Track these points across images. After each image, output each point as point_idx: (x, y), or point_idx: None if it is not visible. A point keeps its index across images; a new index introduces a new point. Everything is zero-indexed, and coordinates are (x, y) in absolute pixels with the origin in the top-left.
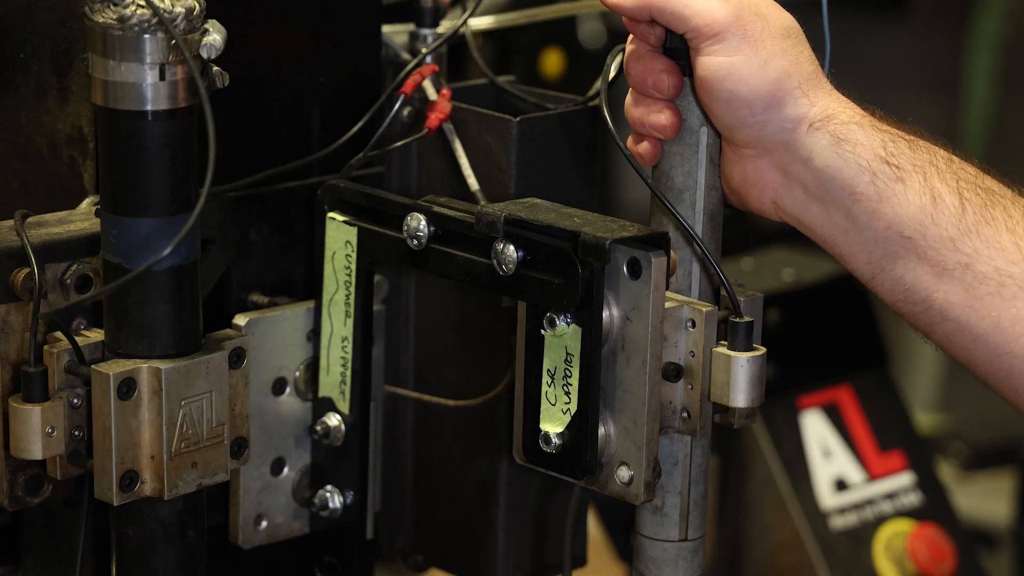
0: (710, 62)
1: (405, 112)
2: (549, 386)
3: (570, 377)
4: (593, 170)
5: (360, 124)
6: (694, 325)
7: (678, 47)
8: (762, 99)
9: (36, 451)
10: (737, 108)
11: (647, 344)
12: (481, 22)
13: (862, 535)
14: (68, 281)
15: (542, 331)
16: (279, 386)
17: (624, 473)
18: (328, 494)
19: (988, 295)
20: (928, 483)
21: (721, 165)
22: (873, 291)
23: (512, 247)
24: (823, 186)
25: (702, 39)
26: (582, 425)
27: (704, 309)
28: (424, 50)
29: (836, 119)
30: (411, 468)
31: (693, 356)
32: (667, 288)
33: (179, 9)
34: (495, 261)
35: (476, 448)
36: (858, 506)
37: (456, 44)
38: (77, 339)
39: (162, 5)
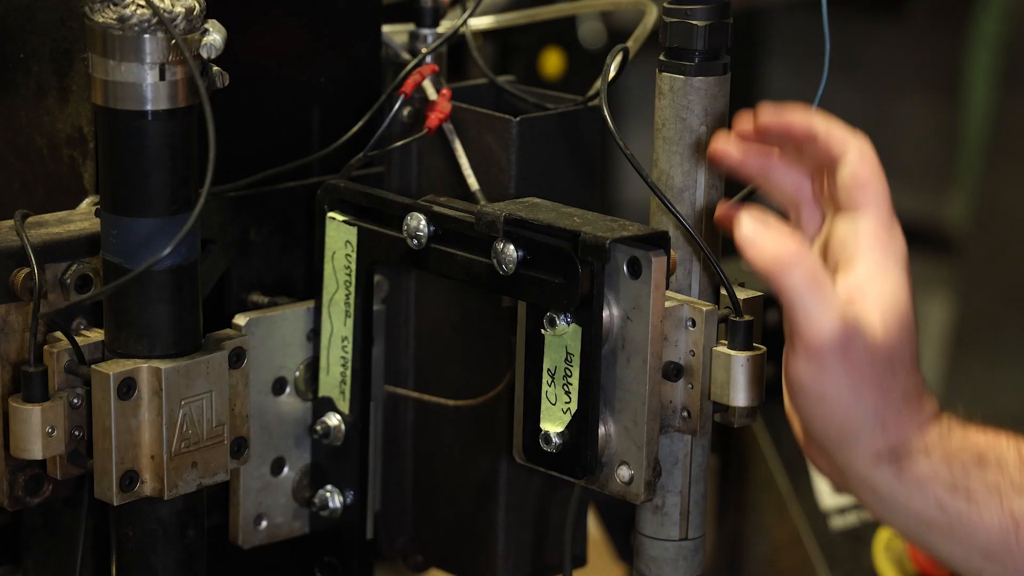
0: (803, 371)
1: (405, 112)
2: (549, 386)
3: (570, 377)
4: (593, 170)
5: (360, 124)
6: (694, 324)
7: (679, 48)
8: (839, 430)
9: (36, 451)
10: (812, 424)
11: (647, 343)
12: (481, 22)
13: (862, 535)
14: (68, 281)
15: (542, 331)
16: (279, 386)
17: (624, 472)
18: (328, 494)
19: None
20: None
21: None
22: None
23: (512, 247)
24: (889, 510)
25: (801, 346)
26: (582, 425)
27: (704, 308)
28: (424, 50)
29: (904, 451)
30: (411, 468)
31: (693, 355)
32: (667, 287)
33: (179, 9)
34: (495, 261)
35: (476, 448)
36: (858, 506)
37: (456, 44)
38: (77, 339)
39: (162, 5)
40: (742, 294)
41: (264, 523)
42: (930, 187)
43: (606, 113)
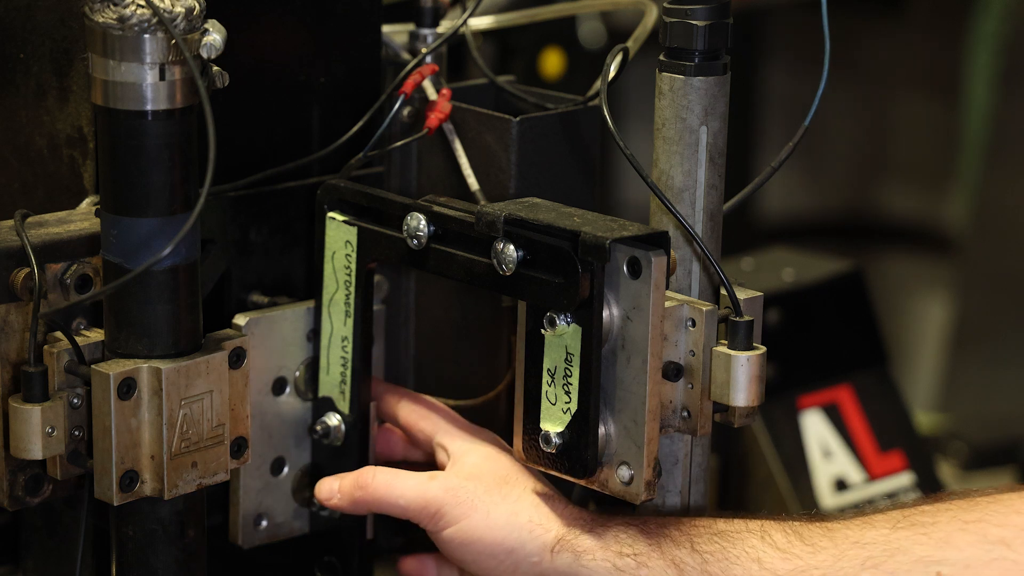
0: (443, 537)
1: (405, 112)
2: (549, 385)
3: (570, 376)
4: (593, 170)
5: (360, 124)
6: (694, 324)
7: (679, 48)
8: (500, 546)
9: (36, 451)
10: (486, 563)
11: (647, 343)
12: (481, 22)
13: None
14: (68, 281)
15: (542, 331)
16: (279, 386)
17: (624, 472)
18: None
19: None
20: (928, 483)
21: None
22: None
23: (512, 247)
24: None
25: (426, 521)
26: (582, 424)
27: (704, 308)
28: (424, 50)
29: (569, 535)
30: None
31: (693, 355)
32: (667, 287)
33: (179, 9)
34: (495, 261)
35: None
36: (858, 506)
37: (456, 44)
38: (77, 339)
39: (162, 5)
40: (742, 294)
41: (264, 523)
42: (930, 187)
43: (606, 113)
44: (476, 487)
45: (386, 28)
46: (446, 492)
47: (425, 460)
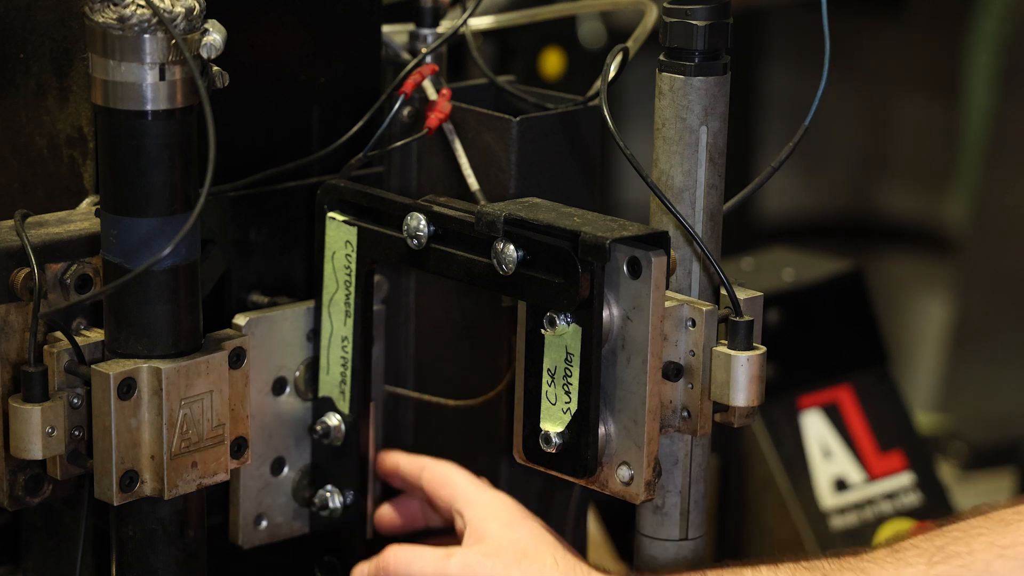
0: None
1: (405, 112)
2: (549, 385)
3: (570, 376)
4: (593, 170)
5: (360, 124)
6: (694, 324)
7: (679, 48)
8: None
9: (36, 451)
10: None
11: (647, 343)
12: (481, 22)
13: (862, 535)
14: (68, 281)
15: (542, 331)
16: (279, 386)
17: (624, 472)
18: (328, 494)
19: None
20: (928, 483)
21: None
22: None
23: (512, 247)
24: None
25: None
26: (582, 424)
27: (704, 308)
28: (424, 50)
29: None
30: None
31: (693, 355)
32: (667, 287)
33: (179, 9)
34: (495, 261)
35: (476, 448)
36: (858, 506)
37: (456, 44)
38: (77, 339)
39: (162, 5)
40: (742, 294)
41: (264, 523)
42: (930, 187)
43: (606, 113)
44: (495, 565)
45: (386, 28)
46: (463, 570)
47: (444, 525)
